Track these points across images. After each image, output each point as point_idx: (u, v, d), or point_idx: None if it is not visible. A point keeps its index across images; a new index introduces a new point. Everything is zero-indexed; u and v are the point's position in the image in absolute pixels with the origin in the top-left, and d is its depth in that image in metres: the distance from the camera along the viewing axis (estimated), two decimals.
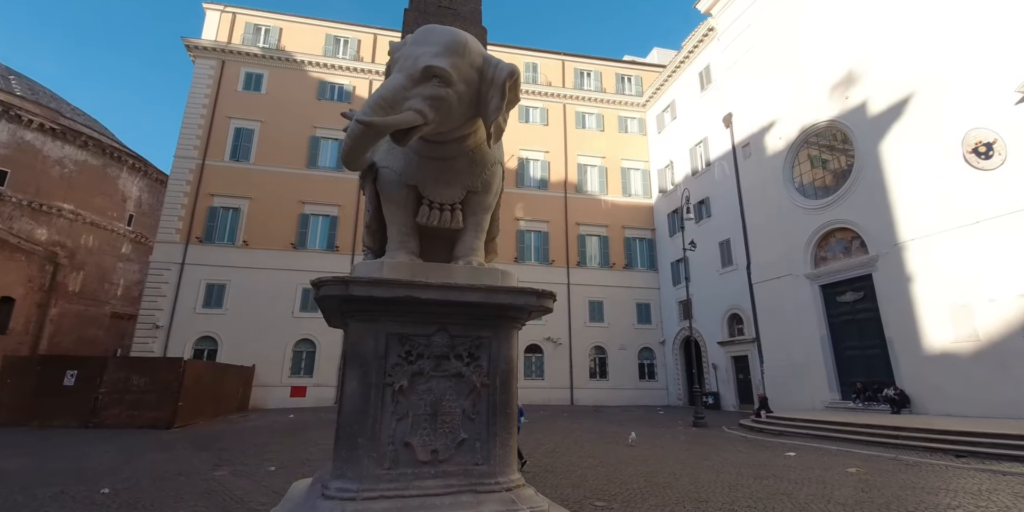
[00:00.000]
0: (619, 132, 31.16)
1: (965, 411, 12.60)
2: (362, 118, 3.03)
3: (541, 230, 27.93)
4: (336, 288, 3.16)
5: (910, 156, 15.08)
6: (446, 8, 4.86)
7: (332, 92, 28.33)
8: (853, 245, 16.65)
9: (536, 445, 11.27)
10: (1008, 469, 8.12)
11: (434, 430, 3.21)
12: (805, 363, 17.46)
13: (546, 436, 12.93)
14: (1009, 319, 12.19)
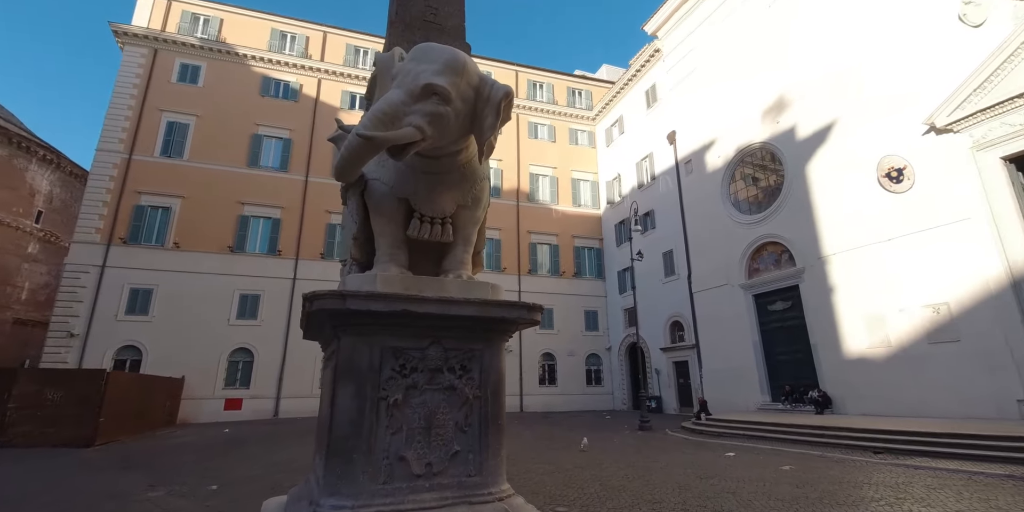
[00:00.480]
0: (570, 144, 32.04)
1: (879, 411, 13.96)
2: (363, 132, 3.06)
3: (493, 237, 28.10)
4: (333, 302, 3.13)
5: (832, 178, 16.60)
6: (431, 23, 4.91)
7: (277, 89, 27.23)
8: (783, 258, 18.06)
9: None
10: (919, 464, 9.06)
11: (428, 443, 3.23)
12: (740, 367, 18.66)
13: None
14: (916, 327, 13.68)
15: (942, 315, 13.17)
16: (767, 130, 19.30)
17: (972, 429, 9.95)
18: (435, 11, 4.98)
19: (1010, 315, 11.87)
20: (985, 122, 13.09)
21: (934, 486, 7.50)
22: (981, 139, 13.12)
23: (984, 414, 11.82)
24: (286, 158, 26.19)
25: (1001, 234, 12.32)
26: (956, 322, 12.83)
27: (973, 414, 11.95)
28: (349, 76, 28.73)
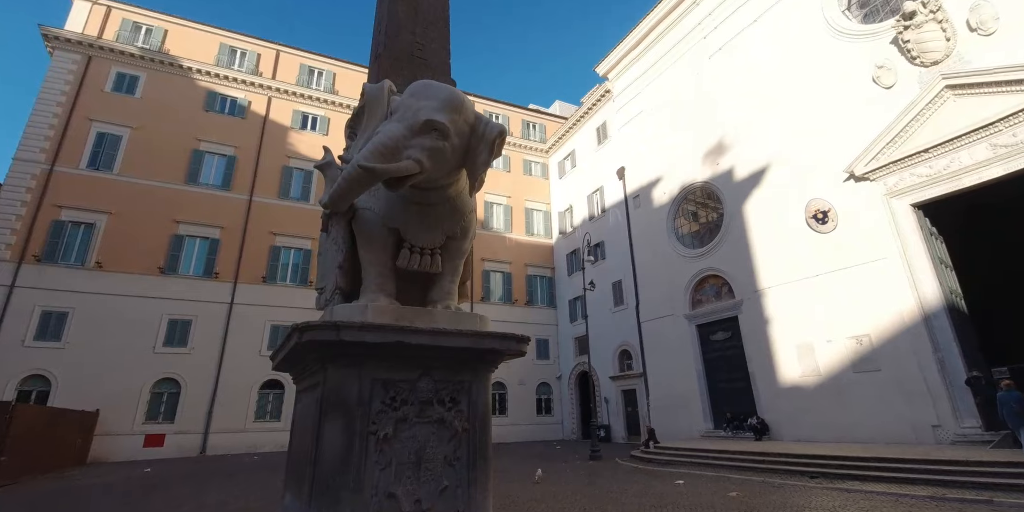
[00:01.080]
0: (524, 174, 32.85)
1: (812, 436, 14.82)
2: (365, 164, 3.13)
3: None
4: (326, 333, 3.08)
5: (767, 216, 17.97)
6: (418, 58, 5.05)
7: (223, 105, 26.34)
8: (723, 290, 19.14)
9: None
10: (851, 487, 9.66)
11: (417, 478, 3.17)
12: (685, 395, 19.29)
13: None
14: (842, 357, 14.80)
15: (864, 346, 14.36)
16: (708, 170, 20.72)
17: (895, 453, 10.77)
18: (422, 47, 5.13)
19: (923, 346, 13.13)
20: (896, 172, 14.74)
21: (867, 508, 8.01)
22: (893, 187, 14.73)
23: (903, 438, 12.85)
24: (229, 176, 25.13)
25: (913, 273, 13.74)
26: (877, 352, 14.03)
27: (894, 438, 12.95)
28: (302, 96, 28.30)
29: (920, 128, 14.46)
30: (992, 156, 12.94)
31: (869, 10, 16.97)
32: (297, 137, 27.61)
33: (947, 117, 13.93)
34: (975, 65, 13.55)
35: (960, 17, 14.08)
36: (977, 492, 8.15)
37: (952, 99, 13.91)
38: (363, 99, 4.34)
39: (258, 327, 22.73)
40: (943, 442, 12.14)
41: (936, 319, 13.15)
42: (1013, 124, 12.62)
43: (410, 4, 5.24)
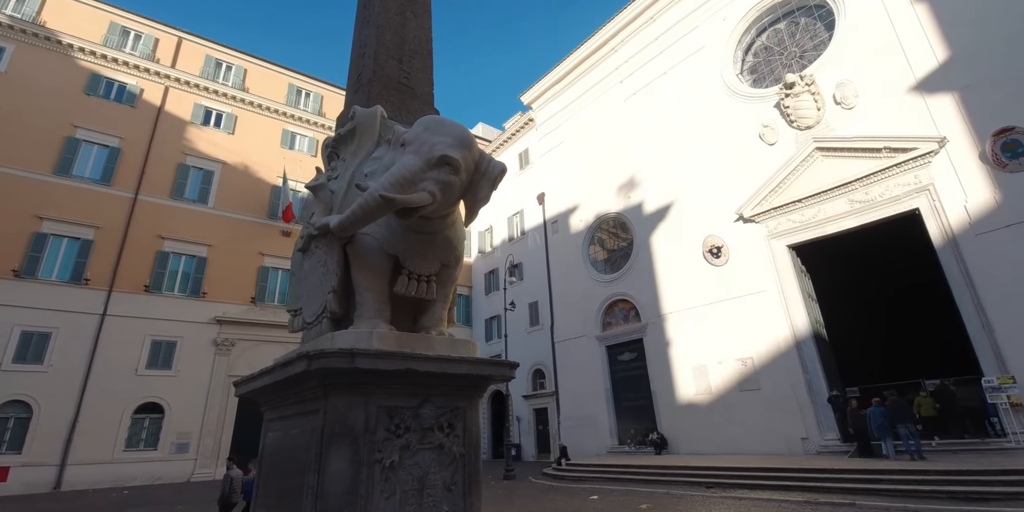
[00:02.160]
0: None
1: (705, 449, 16.38)
2: (387, 195, 3.25)
3: None
4: (341, 361, 3.08)
5: (670, 248, 19.86)
6: (405, 86, 5.18)
7: (109, 89, 23.56)
8: (630, 314, 20.67)
9: None
10: (742, 495, 10.87)
11: (420, 505, 3.23)
12: (594, 413, 20.33)
13: None
14: (731, 377, 16.66)
15: (748, 367, 16.32)
16: (621, 202, 22.45)
17: (775, 463, 12.33)
18: (408, 76, 5.27)
19: (794, 368, 15.26)
20: (776, 217, 17.14)
21: None
22: (773, 230, 17.10)
23: (779, 450, 14.72)
24: (111, 169, 22.35)
25: (788, 304, 15.98)
26: (758, 373, 16.01)
27: (772, 450, 14.79)
28: (205, 89, 26.15)
29: (795, 181, 17.00)
30: (849, 209, 15.59)
31: (758, 76, 19.76)
32: (197, 133, 25.36)
33: (816, 174, 16.54)
34: (839, 133, 16.30)
35: (829, 91, 16.89)
36: (843, 496, 9.63)
37: (821, 159, 16.57)
38: (352, 122, 4.41)
39: (136, 342, 20.13)
40: (810, 453, 14.13)
41: (805, 345, 15.38)
42: (866, 184, 15.34)
43: (397, 33, 5.37)
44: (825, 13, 17.89)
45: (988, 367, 11.93)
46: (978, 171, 13.30)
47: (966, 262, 12.97)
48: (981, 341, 12.27)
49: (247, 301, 23.37)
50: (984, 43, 13.70)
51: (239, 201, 25.02)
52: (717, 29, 20.57)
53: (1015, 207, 12.38)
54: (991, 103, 13.30)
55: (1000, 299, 12.12)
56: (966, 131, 13.72)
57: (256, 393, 3.99)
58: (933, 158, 14.15)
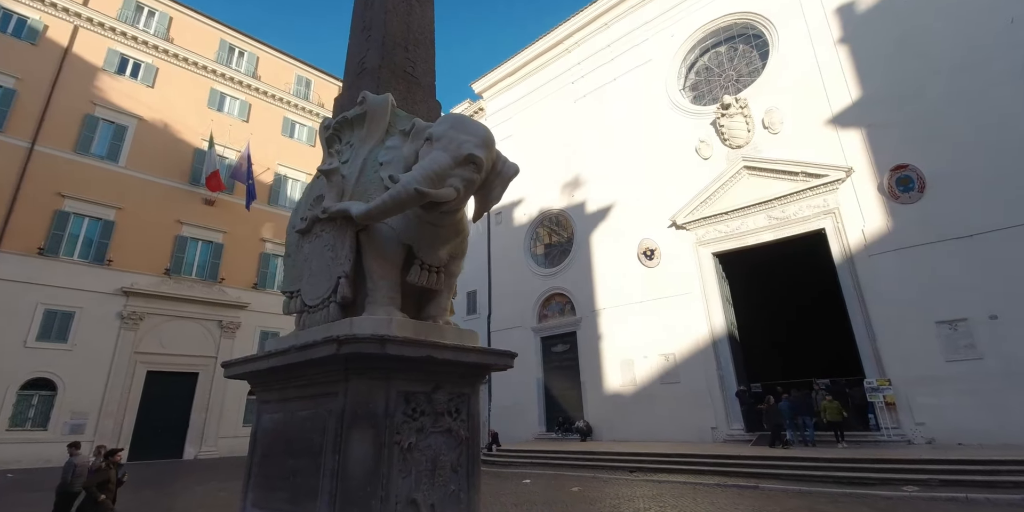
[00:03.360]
0: None
1: (627, 436, 17.61)
2: (421, 188, 3.39)
3: None
4: (372, 346, 3.19)
5: (608, 248, 20.89)
6: (411, 75, 5.22)
7: (5, 23, 20.72)
8: (566, 308, 21.56)
9: None
10: (662, 479, 11.93)
11: (432, 484, 3.43)
12: (524, 401, 21.07)
13: None
14: (654, 371, 17.99)
15: (670, 362, 17.71)
16: (565, 200, 23.19)
17: (689, 450, 13.60)
18: (413, 65, 5.31)
19: (710, 365, 16.81)
20: (704, 227, 18.59)
21: (677, 495, 10.11)
22: (701, 238, 18.54)
23: (691, 438, 16.20)
24: (3, 113, 19.60)
25: (708, 306, 17.50)
26: (678, 368, 17.43)
27: (686, 438, 16.24)
28: (123, 35, 23.51)
29: (724, 195, 18.50)
30: (768, 224, 17.28)
31: (698, 93, 21.13)
32: (111, 82, 22.79)
33: (742, 190, 18.10)
34: (764, 155, 17.90)
35: (759, 116, 18.45)
36: (748, 479, 10.91)
37: (747, 176, 18.13)
38: (362, 107, 4.42)
39: (26, 311, 17.92)
40: (718, 440, 15.71)
41: (720, 344, 16.96)
42: (783, 203, 17.05)
43: (403, 20, 5.37)
44: (761, 43, 19.46)
45: (870, 370, 13.93)
46: (876, 200, 15.26)
47: (859, 279, 14.92)
48: (865, 348, 14.26)
49: (160, 272, 21.53)
50: (889, 88, 15.66)
51: (156, 162, 22.85)
52: (665, 44, 21.69)
53: (902, 234, 14.41)
54: (891, 141, 15.27)
55: (883, 313, 14.13)
56: (869, 164, 15.65)
57: (255, 375, 3.95)
58: (840, 185, 16.01)
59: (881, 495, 9.00)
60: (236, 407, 21.92)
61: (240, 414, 22.03)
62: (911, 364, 13.23)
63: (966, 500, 8.25)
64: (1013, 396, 11.50)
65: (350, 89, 5.11)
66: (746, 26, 19.83)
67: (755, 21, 19.45)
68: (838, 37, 17.21)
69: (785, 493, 9.76)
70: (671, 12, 21.70)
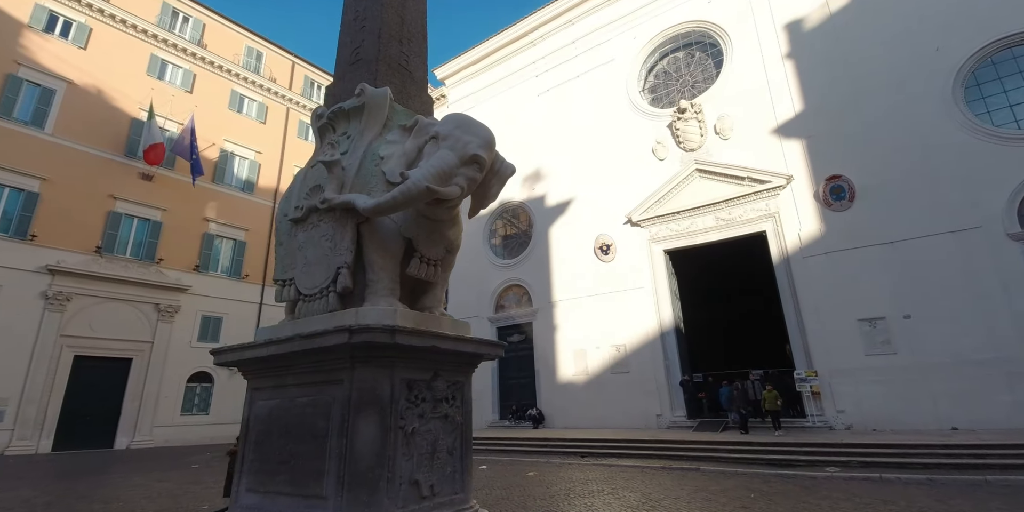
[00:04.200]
0: None
1: (578, 424, 18.33)
2: (432, 186, 3.57)
3: (237, 238, 24.49)
4: (383, 336, 3.34)
5: (566, 242, 21.43)
6: (405, 69, 5.29)
7: None
8: (523, 299, 21.98)
9: None
10: (611, 463, 12.57)
11: (432, 467, 3.65)
12: (479, 389, 21.30)
13: None
14: (606, 361, 18.77)
15: (621, 353, 18.54)
16: (525, 192, 23.49)
17: (637, 436, 14.41)
18: (407, 59, 5.39)
19: (657, 355, 17.76)
20: (657, 224, 19.44)
21: (627, 477, 10.74)
22: (654, 235, 19.40)
23: (638, 425, 17.11)
24: None
25: (658, 300, 18.41)
26: (628, 358, 18.29)
27: (634, 424, 17.13)
28: None
29: (677, 195, 19.40)
30: (715, 225, 18.32)
31: (657, 96, 21.89)
32: (38, 41, 20.79)
33: (694, 191, 19.05)
34: (715, 159, 18.89)
35: (712, 121, 19.38)
36: (690, 462, 11.72)
37: (699, 179, 19.08)
38: (360, 99, 4.48)
39: None
40: (663, 427, 16.70)
41: (667, 336, 17.93)
42: (730, 205, 18.11)
43: (397, 12, 5.42)
44: (716, 52, 20.41)
45: (800, 362, 15.24)
46: (812, 207, 16.55)
47: (794, 278, 16.19)
48: (797, 342, 15.57)
49: (91, 250, 20.05)
50: (827, 103, 16.91)
51: (88, 131, 21.13)
52: (627, 46, 22.29)
53: (833, 239, 15.74)
54: (827, 153, 16.56)
55: (813, 310, 15.45)
56: (807, 173, 16.91)
57: (251, 362, 3.97)
58: (781, 191, 17.21)
59: (807, 475, 9.99)
60: (174, 395, 20.91)
61: (178, 403, 21.04)
62: (835, 357, 14.61)
63: (880, 479, 9.32)
64: (921, 387, 13.02)
65: (343, 79, 5.11)
66: (703, 35, 20.70)
67: (712, 30, 20.34)
68: (785, 52, 18.32)
69: (723, 474, 10.61)
70: (634, 14, 22.28)
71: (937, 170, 14.53)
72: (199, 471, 12.98)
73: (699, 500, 8.42)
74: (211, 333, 22.53)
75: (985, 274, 13.10)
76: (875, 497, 8.03)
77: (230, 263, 24.12)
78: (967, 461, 9.39)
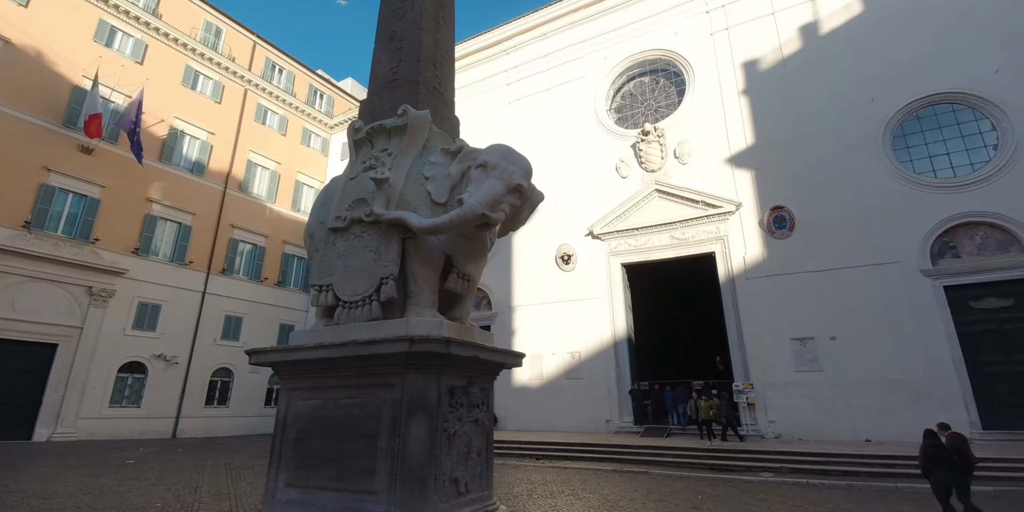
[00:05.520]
0: (302, 143, 30.01)
1: (531, 426, 18.88)
2: (488, 213, 3.94)
3: (183, 222, 23.12)
4: (440, 346, 3.67)
5: (528, 249, 22.01)
6: (437, 91, 5.60)
7: None
8: (483, 302, 22.30)
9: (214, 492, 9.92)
10: (566, 465, 13.18)
11: (466, 466, 4.01)
12: None
13: (191, 481, 11.24)
14: (560, 366, 19.48)
15: (576, 359, 19.32)
16: None
17: (589, 440, 15.14)
18: (439, 82, 5.71)
19: (610, 364, 18.68)
20: (616, 239, 20.44)
21: (583, 479, 11.38)
22: (613, 249, 20.38)
23: (588, 429, 17.91)
24: None
25: (614, 311, 19.36)
26: (582, 365, 19.08)
27: (584, 429, 17.90)
28: None
29: (636, 212, 20.47)
30: (670, 243, 19.52)
31: (622, 116, 22.96)
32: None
33: (652, 210, 20.19)
34: (673, 181, 20.10)
35: (672, 145, 20.59)
36: (640, 466, 12.54)
37: (657, 199, 20.24)
38: (403, 120, 4.75)
39: None
40: (611, 431, 17.58)
41: (620, 345, 18.89)
42: (685, 226, 19.34)
43: (433, 37, 5.71)
44: (679, 81, 21.74)
45: (739, 375, 16.59)
46: (756, 233, 18.03)
47: (737, 297, 17.58)
48: (737, 356, 16.92)
49: (18, 225, 18.40)
50: (775, 139, 18.46)
51: (23, 96, 19.40)
52: (598, 65, 23.27)
53: (773, 264, 17.25)
54: (773, 184, 18.12)
55: (753, 328, 16.86)
56: (754, 201, 18.41)
57: (294, 364, 4.14)
58: (730, 217, 18.63)
59: (744, 479, 11.04)
60: (102, 386, 19.52)
61: (107, 394, 19.65)
62: (769, 372, 16.05)
63: (807, 484, 10.48)
64: (841, 402, 14.61)
65: (380, 95, 5.32)
66: (668, 63, 22.00)
67: (676, 60, 21.66)
68: (742, 88, 19.85)
69: (670, 477, 11.48)
70: (607, 35, 23.28)
71: (866, 208, 16.31)
72: (136, 467, 12.36)
73: (652, 501, 9.16)
74: (148, 321, 21.23)
75: (900, 304, 14.92)
76: (805, 500, 9.08)
77: (173, 248, 22.80)
78: (880, 469, 10.74)
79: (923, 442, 7.00)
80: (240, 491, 9.68)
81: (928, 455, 6.88)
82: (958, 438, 6.97)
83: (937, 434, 7.02)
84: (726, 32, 20.59)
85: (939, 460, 6.80)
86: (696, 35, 21.16)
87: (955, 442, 6.88)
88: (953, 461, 6.76)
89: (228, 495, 9.25)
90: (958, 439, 6.94)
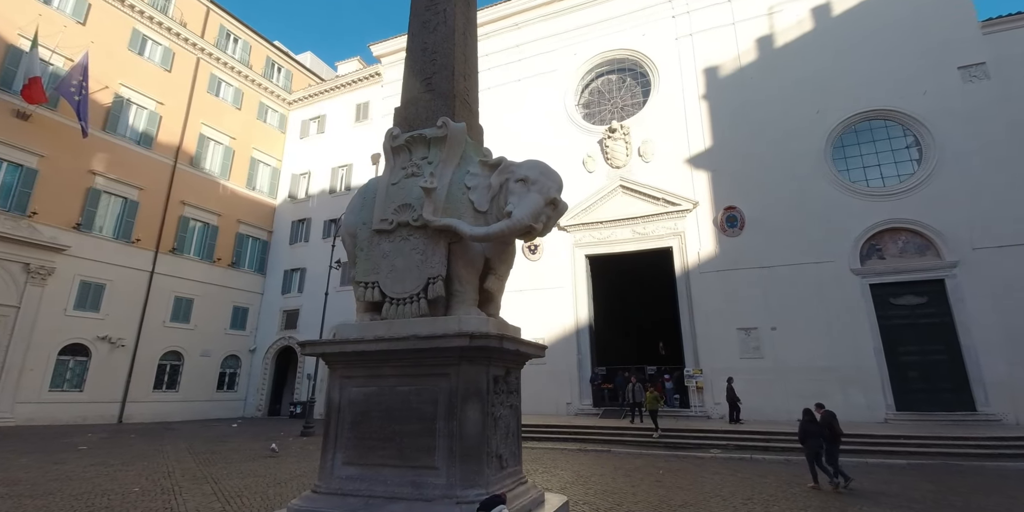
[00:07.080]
0: (258, 119, 28.64)
1: None
2: (532, 224, 4.45)
3: (129, 197, 21.73)
4: (495, 341, 4.17)
5: None
6: (466, 102, 5.97)
7: None
8: None
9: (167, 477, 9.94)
10: (539, 445, 13.96)
11: (506, 444, 4.57)
12: None
13: (154, 467, 11.14)
14: None
15: None
16: None
17: (553, 421, 16.03)
18: (468, 93, 6.09)
19: (571, 350, 19.65)
20: (582, 231, 21.31)
21: (552, 458, 12.21)
22: (579, 241, 21.24)
23: (551, 411, 18.82)
24: None
25: (577, 300, 20.29)
26: (548, 351, 19.82)
27: (546, 411, 18.78)
28: None
29: (601, 206, 21.38)
30: (632, 237, 20.59)
31: (590, 112, 23.68)
32: None
33: (616, 205, 21.16)
34: (637, 178, 21.12)
35: (636, 143, 21.57)
36: (602, 445, 13.55)
37: (621, 194, 21.22)
38: (443, 131, 5.11)
39: None
40: (571, 413, 18.60)
41: (582, 333, 19.89)
42: (646, 221, 20.44)
43: (462, 51, 6.06)
44: (645, 81, 22.67)
45: (690, 361, 18.01)
46: (710, 230, 19.38)
47: (691, 290, 18.94)
48: (688, 343, 18.33)
49: None
50: (729, 143, 19.77)
51: None
52: (569, 60, 23.78)
53: (725, 260, 18.68)
54: (727, 185, 19.47)
55: (704, 318, 18.28)
56: (710, 200, 19.73)
57: (348, 355, 4.49)
58: (688, 214, 19.89)
59: (696, 456, 12.27)
60: (41, 368, 18.37)
61: (46, 377, 18.52)
62: (717, 358, 17.54)
63: (751, 459, 11.81)
64: (778, 387, 16.26)
65: (415, 105, 5.60)
66: (635, 63, 22.85)
67: (643, 61, 22.53)
68: (702, 93, 21.02)
69: (631, 455, 12.54)
70: (578, 31, 23.77)
71: (807, 211, 17.95)
72: (92, 453, 12.03)
73: (620, 476, 10.10)
74: (91, 301, 20.03)
75: (833, 299, 16.70)
76: (751, 472, 10.32)
77: (118, 224, 21.48)
78: None
79: (802, 418, 8.81)
80: (217, 475, 9.72)
81: (804, 428, 8.64)
82: (829, 415, 8.79)
83: (813, 412, 8.84)
84: (690, 38, 21.61)
85: (812, 432, 8.54)
86: (662, 38, 22.06)
87: (827, 418, 8.70)
88: (824, 433, 8.53)
89: (206, 479, 9.30)
90: (829, 415, 8.77)
